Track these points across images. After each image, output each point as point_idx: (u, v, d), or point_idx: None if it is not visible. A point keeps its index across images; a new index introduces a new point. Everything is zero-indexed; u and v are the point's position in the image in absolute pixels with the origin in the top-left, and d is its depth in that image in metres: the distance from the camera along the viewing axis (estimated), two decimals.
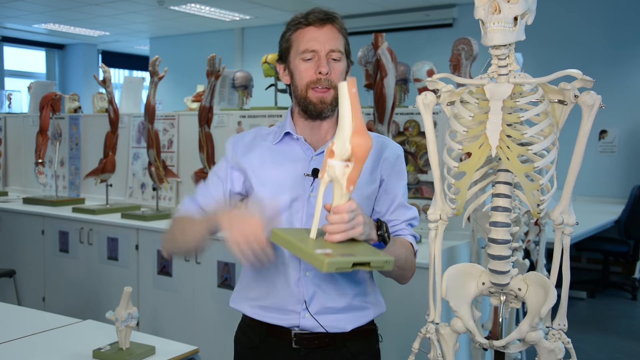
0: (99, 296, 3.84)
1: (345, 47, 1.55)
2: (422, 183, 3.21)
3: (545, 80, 1.33)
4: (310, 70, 1.51)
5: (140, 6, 8.39)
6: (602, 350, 4.29)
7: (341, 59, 1.53)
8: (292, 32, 1.55)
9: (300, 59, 1.52)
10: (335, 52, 1.51)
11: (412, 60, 3.55)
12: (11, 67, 11.29)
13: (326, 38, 1.50)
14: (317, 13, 1.52)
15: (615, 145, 6.78)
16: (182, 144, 4.17)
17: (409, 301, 2.68)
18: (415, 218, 1.62)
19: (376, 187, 1.59)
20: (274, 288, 1.56)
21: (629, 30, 6.78)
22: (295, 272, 1.54)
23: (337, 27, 1.53)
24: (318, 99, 1.51)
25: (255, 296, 1.60)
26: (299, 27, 1.53)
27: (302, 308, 1.53)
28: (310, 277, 1.53)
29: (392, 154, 1.62)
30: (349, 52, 1.58)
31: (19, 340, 1.98)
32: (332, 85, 1.51)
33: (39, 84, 5.44)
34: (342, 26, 1.55)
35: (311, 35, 1.51)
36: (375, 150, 1.60)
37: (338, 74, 1.52)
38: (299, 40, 1.52)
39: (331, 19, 1.53)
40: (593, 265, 6.53)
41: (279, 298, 1.55)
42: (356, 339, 1.60)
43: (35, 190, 5.02)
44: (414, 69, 3.38)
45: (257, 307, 1.59)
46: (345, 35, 1.56)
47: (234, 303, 1.66)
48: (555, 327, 1.42)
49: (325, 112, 1.53)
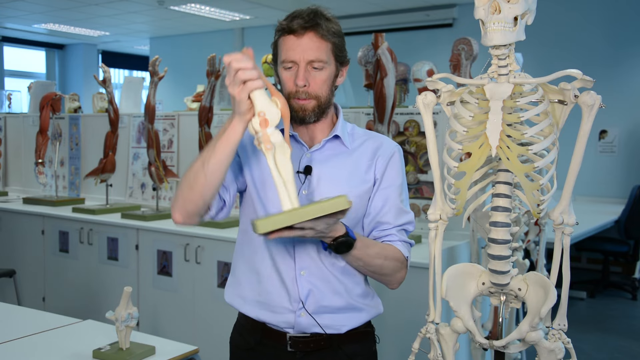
0: (99, 296, 3.84)
1: (332, 51, 1.50)
2: (422, 183, 3.21)
3: (545, 80, 1.33)
4: (290, 81, 1.49)
5: (140, 6, 8.39)
6: (602, 350, 4.29)
7: (324, 67, 1.48)
8: (277, 38, 1.53)
9: (282, 68, 1.51)
10: (316, 62, 1.47)
11: (412, 60, 3.56)
12: (11, 67, 11.29)
13: (306, 47, 1.46)
14: (301, 18, 1.46)
15: (615, 145, 6.78)
16: (182, 144, 4.17)
17: (409, 301, 2.68)
18: (410, 223, 1.59)
19: (370, 187, 1.57)
20: (269, 286, 1.55)
21: (629, 30, 6.78)
22: (291, 270, 1.53)
23: (319, 34, 1.46)
24: (299, 106, 1.50)
25: (249, 293, 1.59)
26: (281, 34, 1.50)
27: (299, 307, 1.52)
28: (306, 275, 1.53)
29: (386, 151, 1.59)
30: (340, 54, 1.52)
31: (19, 340, 1.98)
32: (312, 96, 1.49)
33: (39, 84, 5.44)
34: (329, 30, 1.48)
35: (290, 44, 1.47)
36: (371, 148, 1.59)
37: (319, 83, 1.49)
38: (281, 48, 1.51)
39: (313, 25, 1.46)
40: (593, 265, 6.53)
41: (274, 296, 1.54)
42: (352, 341, 1.59)
43: (35, 190, 5.02)
44: (414, 69, 3.38)
45: (252, 304, 1.58)
46: (333, 39, 1.49)
47: (228, 297, 1.66)
48: (555, 327, 1.42)
49: (307, 119, 1.52)
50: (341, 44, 1.54)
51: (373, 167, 1.57)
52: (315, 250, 1.52)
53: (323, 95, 1.51)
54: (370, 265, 1.50)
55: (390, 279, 1.57)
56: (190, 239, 3.39)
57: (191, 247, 3.38)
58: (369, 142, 1.61)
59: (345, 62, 1.56)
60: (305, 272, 1.53)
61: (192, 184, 1.38)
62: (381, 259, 1.51)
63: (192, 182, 1.38)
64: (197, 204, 1.41)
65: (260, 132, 1.28)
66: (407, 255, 1.58)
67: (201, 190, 1.39)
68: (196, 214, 1.44)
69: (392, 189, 1.58)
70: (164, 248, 3.52)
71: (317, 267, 1.53)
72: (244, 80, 1.26)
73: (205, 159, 1.36)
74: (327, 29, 1.48)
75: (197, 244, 3.36)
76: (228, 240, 3.21)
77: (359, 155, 1.58)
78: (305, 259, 1.53)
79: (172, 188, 4.15)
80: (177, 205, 1.43)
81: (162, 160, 3.95)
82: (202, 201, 1.41)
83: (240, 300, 1.61)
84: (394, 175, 1.58)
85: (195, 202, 1.41)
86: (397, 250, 1.55)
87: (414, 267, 2.67)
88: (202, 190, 1.39)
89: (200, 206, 1.42)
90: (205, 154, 1.36)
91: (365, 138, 1.62)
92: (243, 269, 1.62)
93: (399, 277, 1.58)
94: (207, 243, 3.32)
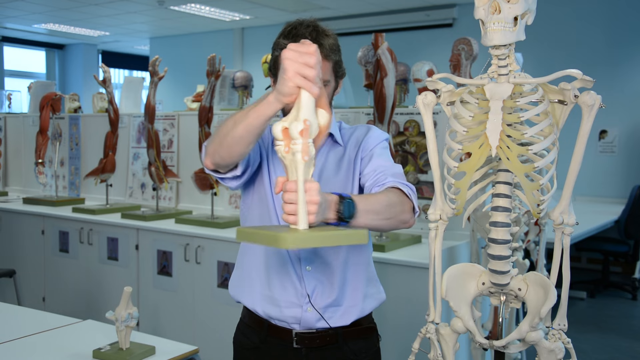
0: (99, 296, 3.84)
1: (333, 69, 1.53)
2: (422, 183, 3.21)
3: (545, 80, 1.33)
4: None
5: (140, 6, 8.39)
6: (602, 350, 4.29)
7: (326, 85, 1.51)
8: (278, 54, 1.49)
9: None
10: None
11: (412, 60, 3.55)
12: (11, 67, 11.29)
13: None
14: (303, 38, 1.45)
15: (615, 145, 6.78)
16: (182, 144, 4.18)
17: (409, 301, 2.68)
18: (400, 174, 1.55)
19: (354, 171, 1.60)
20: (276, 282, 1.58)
21: (629, 30, 6.78)
22: (297, 266, 1.56)
23: (323, 55, 1.47)
24: None
25: (257, 288, 1.61)
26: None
27: (305, 302, 1.55)
28: (311, 271, 1.56)
29: (372, 138, 1.61)
30: (339, 70, 1.56)
31: (19, 340, 1.98)
32: None
33: (39, 84, 5.44)
34: (330, 48, 1.51)
35: None
36: (359, 135, 1.63)
37: (324, 100, 1.50)
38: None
39: (318, 47, 1.48)
40: (593, 265, 6.53)
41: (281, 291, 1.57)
42: (357, 337, 1.60)
43: (35, 190, 5.02)
44: (414, 69, 3.38)
45: (259, 299, 1.60)
46: (333, 58, 1.53)
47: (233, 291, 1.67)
48: (555, 327, 1.42)
49: None
50: (340, 60, 1.57)
51: (359, 153, 1.60)
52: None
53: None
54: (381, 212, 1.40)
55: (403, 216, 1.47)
56: (190, 239, 3.39)
57: (191, 247, 3.38)
58: (357, 132, 1.66)
59: (342, 75, 1.60)
60: (310, 268, 1.56)
61: (222, 141, 1.38)
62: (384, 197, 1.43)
63: (222, 139, 1.38)
64: (224, 159, 1.42)
65: (300, 140, 1.18)
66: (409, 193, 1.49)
67: (230, 149, 1.39)
68: (224, 166, 1.45)
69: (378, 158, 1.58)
70: (164, 248, 3.52)
71: (322, 262, 1.56)
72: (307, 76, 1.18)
73: (237, 120, 1.33)
74: (329, 48, 1.51)
75: (197, 244, 3.36)
76: (228, 240, 3.22)
77: (350, 148, 1.63)
78: (311, 255, 1.56)
79: (171, 188, 4.15)
80: (208, 153, 1.44)
81: (162, 160, 3.95)
82: (230, 158, 1.41)
83: (246, 295, 1.63)
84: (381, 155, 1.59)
85: (224, 157, 1.42)
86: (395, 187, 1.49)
87: (414, 267, 2.68)
88: (230, 149, 1.39)
89: (227, 161, 1.43)
90: (238, 116, 1.34)
91: (352, 130, 1.67)
92: (250, 265, 1.64)
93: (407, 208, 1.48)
94: (207, 243, 3.32)
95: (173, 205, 4.15)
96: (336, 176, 1.59)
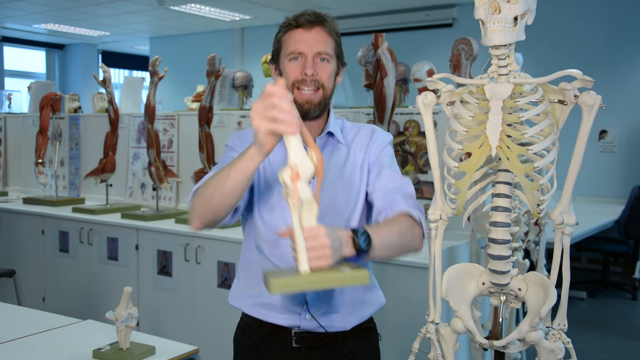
0: (99, 296, 3.84)
1: (335, 49, 1.55)
2: (422, 183, 3.21)
3: (545, 80, 1.33)
4: (297, 70, 1.51)
5: (140, 6, 8.39)
6: (602, 350, 4.29)
7: (330, 60, 1.53)
8: (282, 34, 1.56)
9: (288, 59, 1.52)
10: (323, 54, 1.51)
11: (412, 60, 3.55)
12: (11, 67, 11.29)
13: (314, 40, 1.50)
14: (308, 15, 1.53)
15: (615, 145, 6.78)
16: (182, 144, 4.18)
17: (409, 301, 2.68)
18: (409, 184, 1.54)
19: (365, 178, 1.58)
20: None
21: (629, 30, 6.78)
22: None
23: (326, 30, 1.53)
24: (304, 99, 1.50)
25: (255, 294, 1.60)
26: (288, 28, 1.54)
27: (303, 309, 1.54)
28: None
29: (379, 141, 1.61)
30: (341, 54, 1.58)
31: (19, 340, 1.98)
32: (320, 85, 1.51)
33: (39, 84, 5.44)
34: (333, 28, 1.55)
35: (299, 37, 1.51)
36: (365, 137, 1.62)
37: (327, 74, 1.52)
38: (288, 41, 1.53)
39: (321, 21, 1.52)
40: (593, 265, 6.53)
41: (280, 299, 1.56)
42: (356, 337, 1.60)
43: (35, 190, 5.02)
44: (414, 69, 3.38)
45: (257, 306, 1.60)
46: (336, 38, 1.56)
47: (233, 300, 1.67)
48: (555, 327, 1.42)
49: (312, 112, 1.52)
50: (341, 45, 1.59)
51: (367, 158, 1.59)
52: None
53: (329, 87, 1.54)
54: (394, 245, 1.40)
55: (413, 244, 1.46)
56: (190, 239, 3.39)
57: (191, 247, 3.38)
58: (361, 133, 1.64)
59: (343, 63, 1.61)
60: None
61: (209, 200, 1.38)
62: (396, 227, 1.42)
63: (209, 198, 1.38)
64: (214, 217, 1.42)
65: (290, 186, 1.18)
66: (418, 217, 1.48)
67: (218, 207, 1.39)
68: (214, 223, 1.45)
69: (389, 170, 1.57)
70: (164, 248, 3.52)
71: None
72: (274, 119, 1.18)
73: (221, 180, 1.34)
74: (332, 27, 1.54)
75: (197, 244, 3.36)
76: (228, 241, 3.21)
77: (355, 150, 1.61)
78: None
79: (171, 188, 4.15)
80: (195, 215, 1.43)
81: (162, 160, 3.95)
82: (220, 215, 1.42)
83: (244, 300, 1.62)
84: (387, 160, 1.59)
85: (213, 216, 1.42)
86: (400, 212, 1.47)
87: (414, 267, 2.68)
88: (218, 207, 1.39)
89: (218, 218, 1.43)
90: (222, 175, 1.34)
91: (356, 130, 1.65)
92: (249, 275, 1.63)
93: (417, 234, 1.47)
94: (207, 243, 3.32)
95: (173, 205, 4.15)
96: (341, 178, 1.56)
